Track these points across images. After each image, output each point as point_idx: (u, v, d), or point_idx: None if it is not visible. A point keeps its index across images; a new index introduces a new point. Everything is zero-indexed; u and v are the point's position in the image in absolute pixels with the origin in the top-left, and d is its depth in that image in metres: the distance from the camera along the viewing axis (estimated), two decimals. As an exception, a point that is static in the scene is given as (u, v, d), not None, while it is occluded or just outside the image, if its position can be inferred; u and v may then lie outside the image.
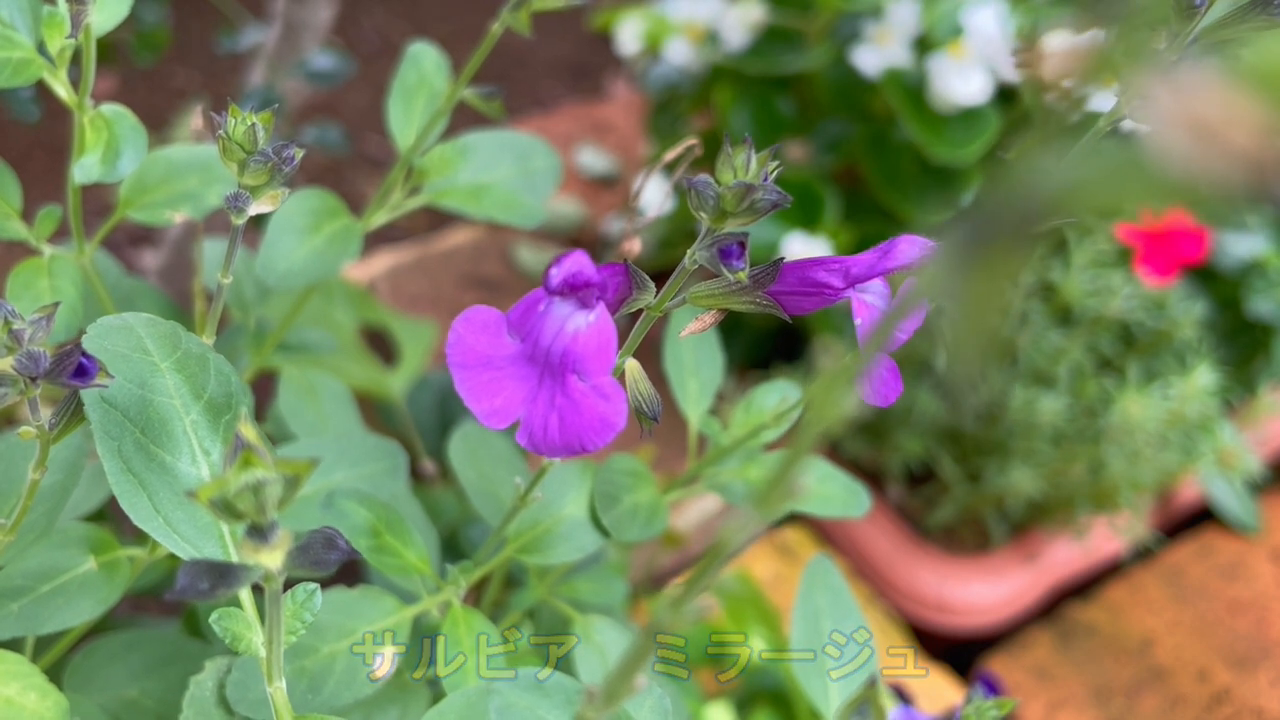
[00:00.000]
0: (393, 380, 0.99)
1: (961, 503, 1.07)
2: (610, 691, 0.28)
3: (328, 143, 1.03)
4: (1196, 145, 0.15)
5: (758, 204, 0.37)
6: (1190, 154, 0.15)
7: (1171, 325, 1.04)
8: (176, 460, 0.45)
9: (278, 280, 0.62)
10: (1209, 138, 0.15)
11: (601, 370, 0.38)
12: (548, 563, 0.57)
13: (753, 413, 0.60)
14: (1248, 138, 0.15)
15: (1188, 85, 0.15)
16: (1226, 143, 0.15)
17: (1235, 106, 0.15)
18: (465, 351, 0.39)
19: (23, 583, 0.52)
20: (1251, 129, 0.15)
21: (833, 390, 0.20)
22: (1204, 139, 0.15)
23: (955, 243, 0.17)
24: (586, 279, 0.36)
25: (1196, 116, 0.15)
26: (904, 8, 1.02)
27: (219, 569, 0.32)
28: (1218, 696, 1.04)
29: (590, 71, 1.76)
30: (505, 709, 0.36)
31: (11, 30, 0.54)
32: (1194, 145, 0.15)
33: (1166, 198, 0.15)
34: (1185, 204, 0.15)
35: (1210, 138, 0.15)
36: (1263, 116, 0.15)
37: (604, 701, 0.28)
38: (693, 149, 0.62)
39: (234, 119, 0.46)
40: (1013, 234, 0.17)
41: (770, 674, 0.92)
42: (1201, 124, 0.15)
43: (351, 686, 0.53)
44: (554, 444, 0.38)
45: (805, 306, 0.41)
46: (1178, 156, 0.15)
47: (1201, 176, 0.15)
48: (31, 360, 0.42)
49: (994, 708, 0.52)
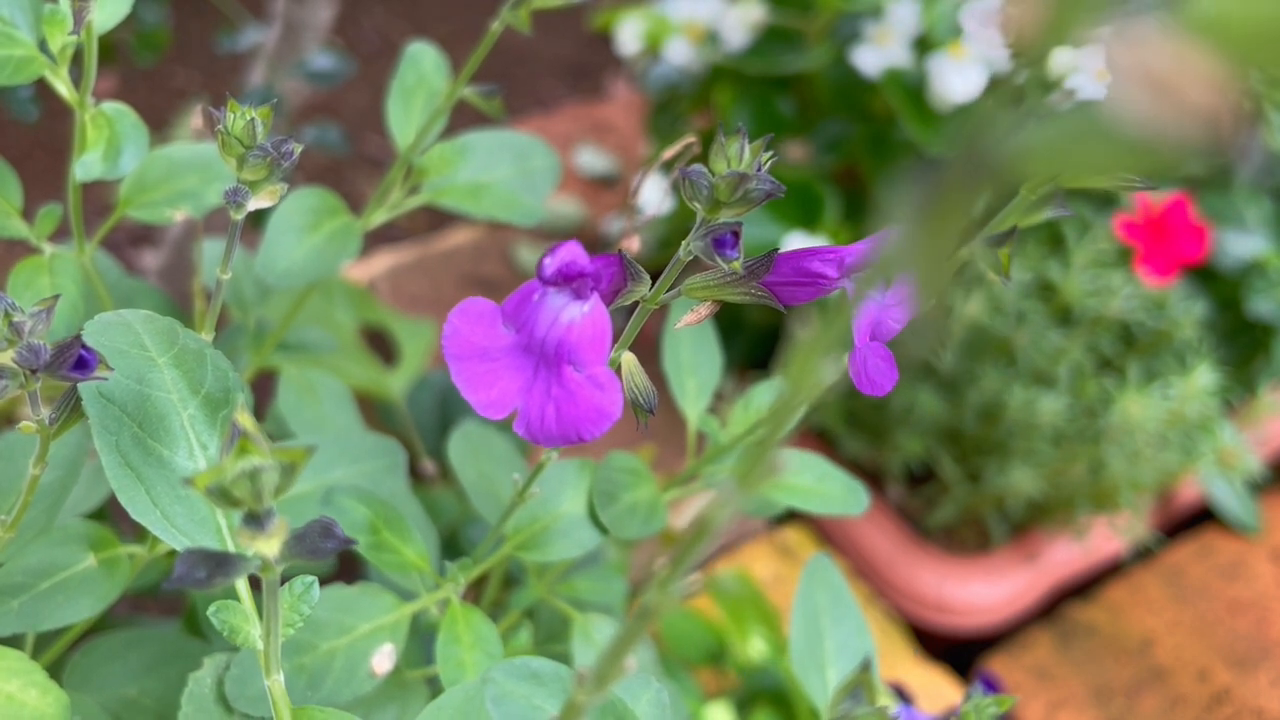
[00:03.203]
0: (393, 380, 0.99)
1: (961, 503, 1.07)
2: (600, 674, 0.28)
3: (327, 143, 1.03)
4: (1151, 101, 0.15)
5: (751, 193, 0.37)
6: (1146, 110, 0.15)
7: (1171, 325, 1.04)
8: (174, 454, 0.45)
9: (277, 278, 0.62)
10: (1164, 92, 0.15)
11: (597, 360, 0.38)
12: (546, 559, 0.57)
13: (751, 411, 0.60)
14: (1203, 92, 0.15)
15: (1141, 39, 0.15)
16: (1181, 97, 0.15)
17: (1189, 60, 0.15)
18: (461, 343, 0.39)
19: (23, 579, 0.52)
20: (1206, 83, 0.15)
21: (808, 362, 0.20)
22: (1159, 94, 0.15)
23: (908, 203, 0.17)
24: (580, 269, 0.36)
25: (1150, 71, 0.15)
26: (904, 8, 1.02)
27: (216, 558, 0.32)
28: (1218, 696, 1.04)
29: (590, 71, 1.76)
30: (501, 698, 0.36)
31: (13, 28, 0.55)
32: (1149, 101, 0.15)
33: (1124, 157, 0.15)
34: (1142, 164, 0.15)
35: (1165, 92, 0.15)
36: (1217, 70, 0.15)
37: (594, 684, 0.28)
38: (691, 147, 0.62)
39: (233, 114, 0.46)
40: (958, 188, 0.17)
41: (770, 674, 0.92)
42: (1156, 79, 0.15)
43: (350, 684, 0.53)
44: (551, 433, 0.38)
45: (800, 297, 0.41)
46: (1133, 113, 0.15)
47: (1158, 133, 0.15)
48: (32, 353, 0.42)
49: (993, 705, 0.52)
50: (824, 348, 0.20)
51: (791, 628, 0.59)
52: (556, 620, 0.68)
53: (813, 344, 0.20)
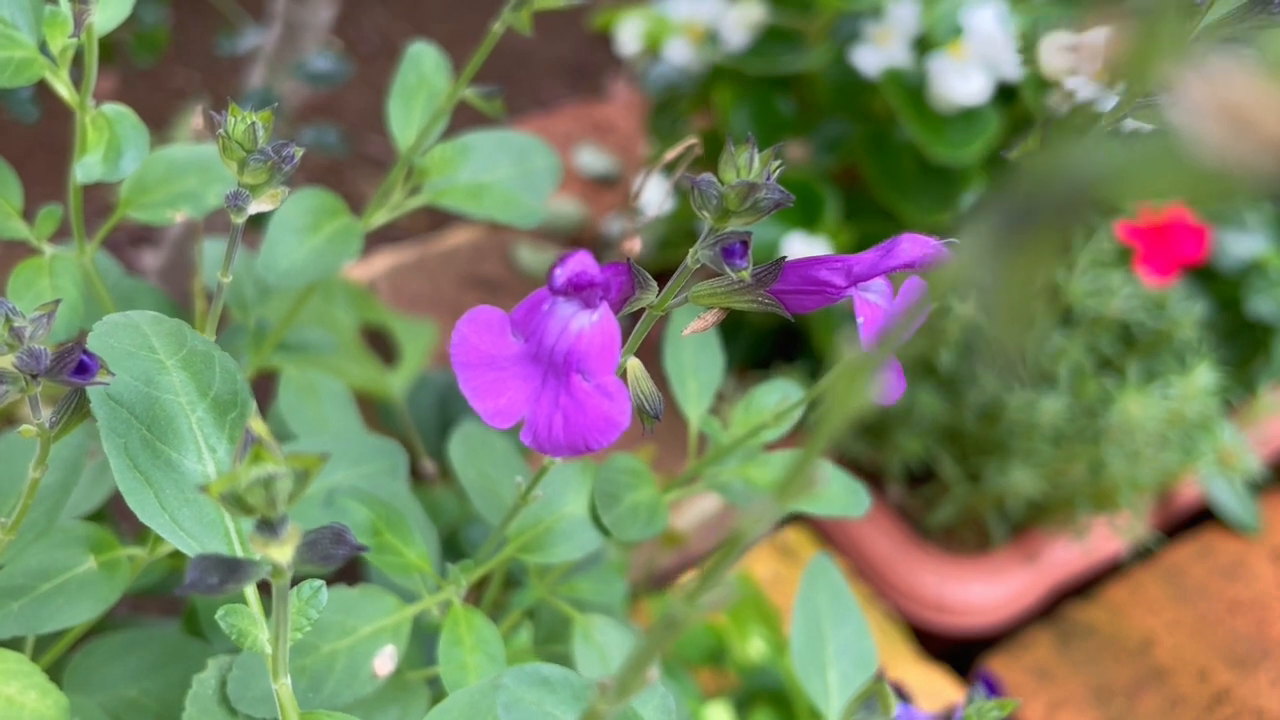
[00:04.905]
0: (393, 380, 0.99)
1: (961, 503, 1.07)
2: (623, 684, 0.28)
3: (326, 144, 1.03)
4: (1228, 133, 0.15)
5: (760, 203, 0.37)
6: (1222, 142, 0.15)
7: (1171, 325, 1.04)
8: (182, 457, 0.45)
9: (278, 279, 0.62)
10: (1240, 125, 0.15)
11: (605, 369, 0.38)
12: (548, 561, 0.57)
13: (753, 412, 0.60)
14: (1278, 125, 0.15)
15: (1219, 74, 0.16)
16: (1258, 130, 0.15)
17: (1266, 94, 0.15)
18: (469, 351, 0.39)
19: (23, 581, 0.52)
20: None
21: (854, 381, 0.20)
22: (1236, 127, 0.15)
23: (989, 230, 0.17)
24: (590, 279, 0.36)
25: (1228, 104, 0.15)
26: (904, 8, 1.02)
27: (228, 564, 0.32)
28: (1218, 696, 1.04)
29: (590, 71, 1.76)
30: (512, 704, 0.36)
31: (13, 30, 0.54)
32: (1226, 133, 0.15)
33: (1200, 186, 0.16)
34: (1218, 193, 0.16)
35: (1242, 125, 0.15)
36: None
37: (617, 695, 0.28)
38: (693, 149, 0.62)
39: (234, 118, 0.46)
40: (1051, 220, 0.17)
41: (770, 674, 0.92)
42: (1233, 112, 0.15)
43: (352, 685, 0.53)
44: (558, 443, 0.38)
45: (807, 305, 0.41)
46: (1210, 145, 0.15)
47: (1234, 164, 0.15)
48: (32, 357, 0.42)
49: (995, 708, 0.52)
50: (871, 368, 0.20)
51: (792, 629, 0.59)
52: (557, 620, 0.68)
53: (860, 364, 0.20)
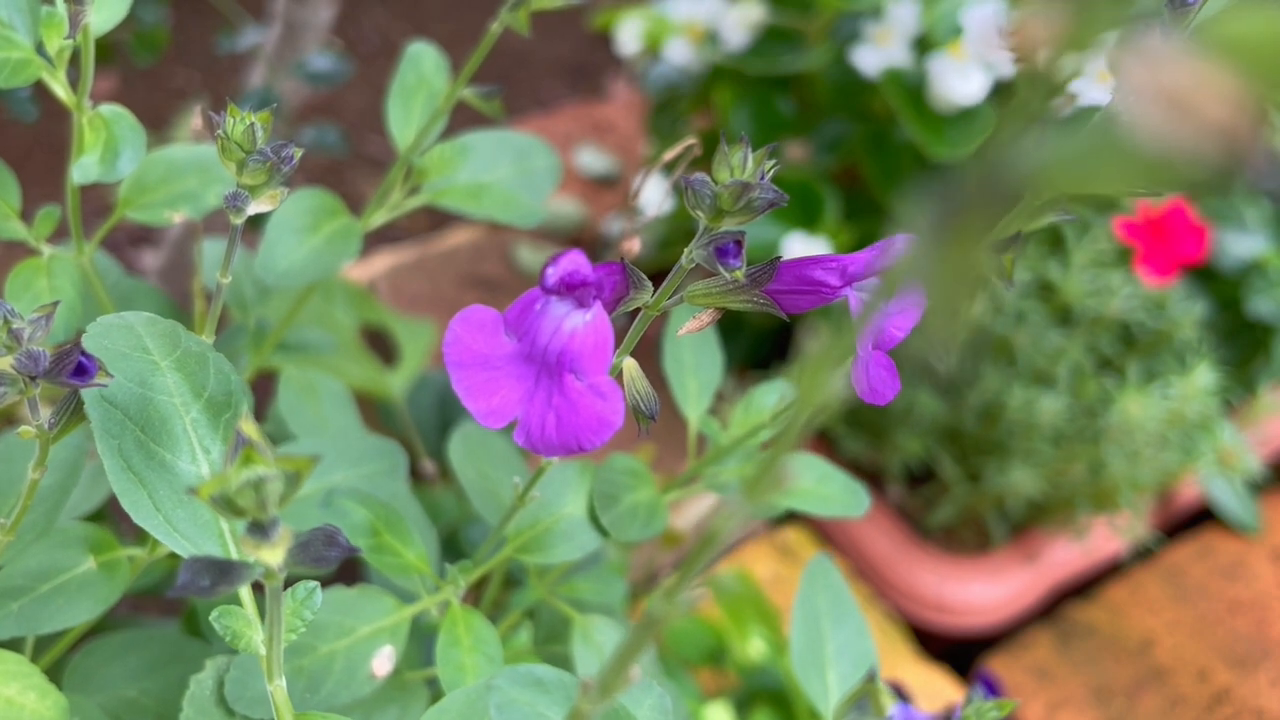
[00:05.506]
0: (393, 380, 0.99)
1: (961, 503, 1.07)
2: (605, 683, 0.28)
3: (325, 144, 1.03)
4: (1170, 118, 0.15)
5: (754, 202, 0.37)
6: (1164, 127, 0.15)
7: (1171, 325, 1.04)
8: (176, 459, 0.45)
9: (277, 279, 0.62)
10: (1182, 110, 0.15)
11: (598, 369, 0.38)
12: (547, 562, 0.57)
13: (752, 412, 0.60)
14: (1221, 109, 0.15)
15: (1159, 57, 0.15)
16: (1200, 115, 0.15)
17: (1208, 78, 0.15)
18: (462, 351, 0.39)
19: (22, 582, 0.52)
20: (1225, 101, 0.15)
21: (818, 374, 0.20)
22: (1177, 111, 0.15)
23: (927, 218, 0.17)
24: (583, 278, 0.36)
25: (1169, 89, 0.15)
26: (904, 8, 1.02)
27: (220, 566, 0.32)
28: (1218, 696, 1.04)
29: (590, 71, 1.76)
30: (505, 705, 0.36)
31: (10, 30, 0.54)
32: (1167, 118, 0.15)
33: (1142, 175, 0.15)
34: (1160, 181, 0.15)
35: (1183, 110, 0.15)
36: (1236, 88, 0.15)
37: (600, 694, 0.28)
38: (692, 149, 0.62)
39: (233, 118, 0.46)
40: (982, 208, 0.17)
41: (770, 674, 0.92)
42: (1174, 96, 0.15)
43: (350, 686, 0.53)
44: (551, 443, 0.38)
45: (802, 305, 0.41)
46: (1152, 130, 0.15)
47: (1176, 151, 0.15)
48: (31, 359, 0.42)
49: (994, 709, 0.52)
50: (833, 360, 0.20)
51: (792, 629, 0.59)
52: (557, 620, 0.68)
53: (822, 357, 0.20)
